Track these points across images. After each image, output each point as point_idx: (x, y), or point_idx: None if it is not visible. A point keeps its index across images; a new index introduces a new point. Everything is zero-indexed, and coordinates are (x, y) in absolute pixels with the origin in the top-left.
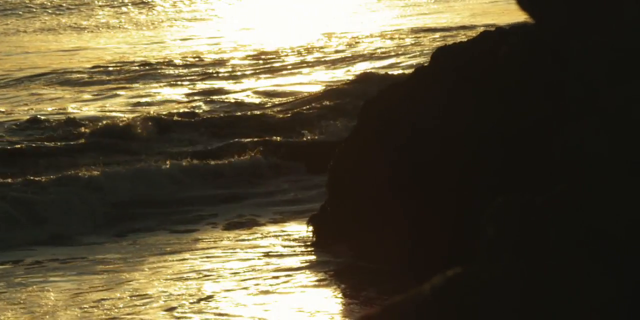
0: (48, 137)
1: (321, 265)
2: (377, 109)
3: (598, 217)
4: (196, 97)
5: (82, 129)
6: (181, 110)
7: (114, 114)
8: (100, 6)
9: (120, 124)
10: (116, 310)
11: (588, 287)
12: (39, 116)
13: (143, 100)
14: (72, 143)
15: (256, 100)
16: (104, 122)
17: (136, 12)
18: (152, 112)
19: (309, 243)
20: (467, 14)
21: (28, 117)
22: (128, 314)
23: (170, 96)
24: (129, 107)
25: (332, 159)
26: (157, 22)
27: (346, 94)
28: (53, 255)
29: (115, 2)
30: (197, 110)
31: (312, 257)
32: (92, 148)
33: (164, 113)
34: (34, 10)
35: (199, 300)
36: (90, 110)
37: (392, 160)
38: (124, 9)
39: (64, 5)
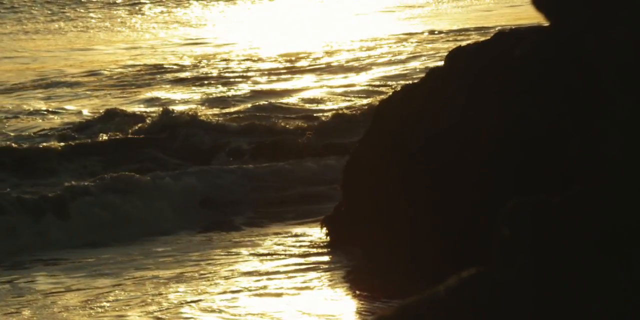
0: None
1: (335, 267)
2: (392, 110)
3: (614, 219)
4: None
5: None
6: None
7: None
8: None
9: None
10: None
11: (603, 289)
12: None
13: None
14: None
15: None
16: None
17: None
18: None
19: (323, 244)
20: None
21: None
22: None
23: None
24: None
25: (347, 159)
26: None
27: None
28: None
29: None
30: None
31: (326, 258)
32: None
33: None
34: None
35: (197, 301)
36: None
37: (407, 161)
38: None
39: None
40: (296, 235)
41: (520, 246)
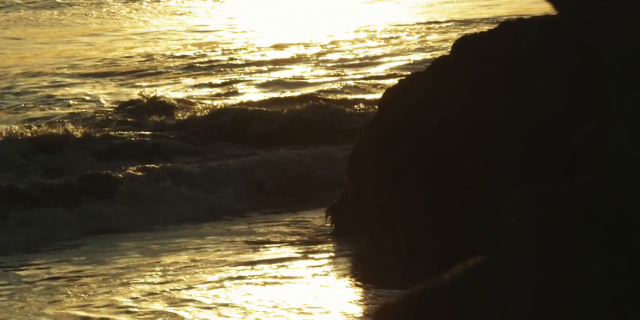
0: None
1: (340, 255)
2: (398, 98)
3: (619, 208)
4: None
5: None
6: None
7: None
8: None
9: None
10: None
11: (609, 279)
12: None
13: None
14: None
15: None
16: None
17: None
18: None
19: (328, 232)
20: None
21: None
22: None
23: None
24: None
25: (353, 147)
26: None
27: None
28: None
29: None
30: None
31: (331, 246)
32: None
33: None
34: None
35: (209, 288)
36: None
37: (412, 149)
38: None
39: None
40: (302, 222)
41: (526, 235)
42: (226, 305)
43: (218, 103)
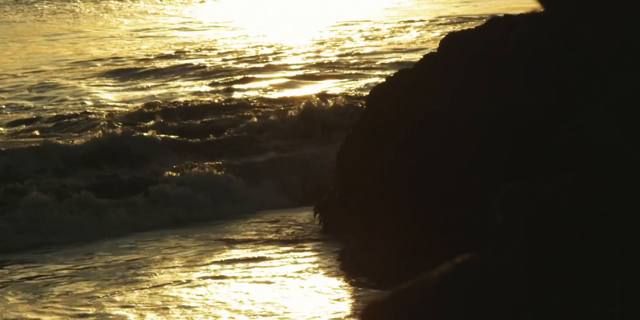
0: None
1: (327, 253)
2: (385, 95)
3: (609, 205)
4: None
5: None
6: None
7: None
8: None
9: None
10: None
11: (596, 276)
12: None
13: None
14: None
15: None
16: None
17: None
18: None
19: (316, 231)
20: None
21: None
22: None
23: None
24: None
25: (341, 145)
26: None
27: None
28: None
29: None
30: None
31: (319, 244)
32: None
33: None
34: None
35: (189, 287)
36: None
37: (399, 147)
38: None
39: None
40: (289, 220)
41: (514, 232)
42: (211, 306)
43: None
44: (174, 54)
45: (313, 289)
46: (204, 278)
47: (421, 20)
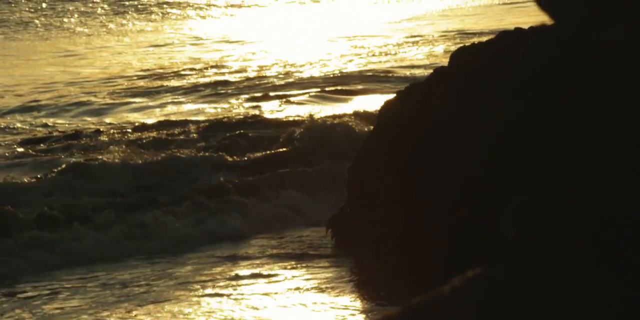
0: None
1: (340, 268)
2: (396, 110)
3: (618, 218)
4: None
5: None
6: None
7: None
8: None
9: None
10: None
11: (608, 291)
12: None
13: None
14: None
15: None
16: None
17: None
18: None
19: (328, 245)
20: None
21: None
22: None
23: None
24: None
25: (353, 160)
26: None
27: None
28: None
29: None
30: None
31: (331, 260)
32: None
33: None
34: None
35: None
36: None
37: (409, 160)
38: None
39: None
40: (301, 235)
41: (525, 247)
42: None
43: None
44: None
45: (325, 305)
46: (217, 295)
47: (429, 35)
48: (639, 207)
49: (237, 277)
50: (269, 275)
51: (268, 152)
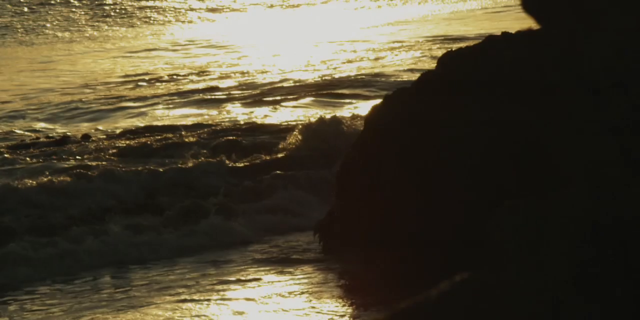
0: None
1: (328, 273)
2: (383, 115)
3: (605, 221)
4: None
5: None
6: None
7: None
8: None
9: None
10: None
11: (598, 292)
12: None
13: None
14: None
15: None
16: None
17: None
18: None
19: (317, 250)
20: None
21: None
22: None
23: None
24: None
25: (340, 164)
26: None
27: None
28: None
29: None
30: None
31: (319, 264)
32: None
33: None
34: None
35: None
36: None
37: (397, 165)
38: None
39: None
40: (289, 240)
41: (512, 250)
42: None
43: None
44: (166, 77)
45: (313, 310)
46: (207, 299)
47: (413, 39)
48: (624, 210)
49: (223, 282)
50: (254, 280)
51: (257, 157)
